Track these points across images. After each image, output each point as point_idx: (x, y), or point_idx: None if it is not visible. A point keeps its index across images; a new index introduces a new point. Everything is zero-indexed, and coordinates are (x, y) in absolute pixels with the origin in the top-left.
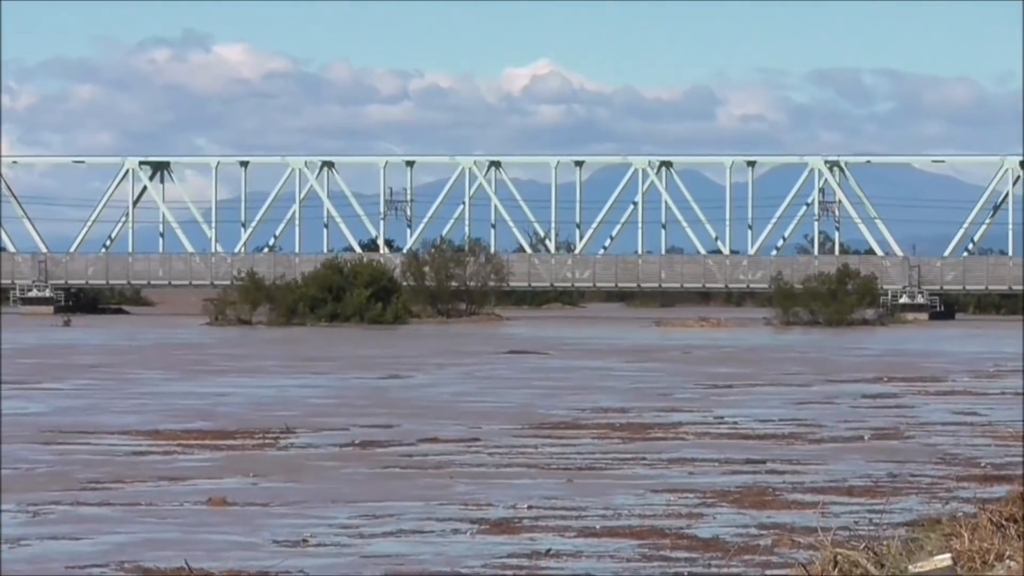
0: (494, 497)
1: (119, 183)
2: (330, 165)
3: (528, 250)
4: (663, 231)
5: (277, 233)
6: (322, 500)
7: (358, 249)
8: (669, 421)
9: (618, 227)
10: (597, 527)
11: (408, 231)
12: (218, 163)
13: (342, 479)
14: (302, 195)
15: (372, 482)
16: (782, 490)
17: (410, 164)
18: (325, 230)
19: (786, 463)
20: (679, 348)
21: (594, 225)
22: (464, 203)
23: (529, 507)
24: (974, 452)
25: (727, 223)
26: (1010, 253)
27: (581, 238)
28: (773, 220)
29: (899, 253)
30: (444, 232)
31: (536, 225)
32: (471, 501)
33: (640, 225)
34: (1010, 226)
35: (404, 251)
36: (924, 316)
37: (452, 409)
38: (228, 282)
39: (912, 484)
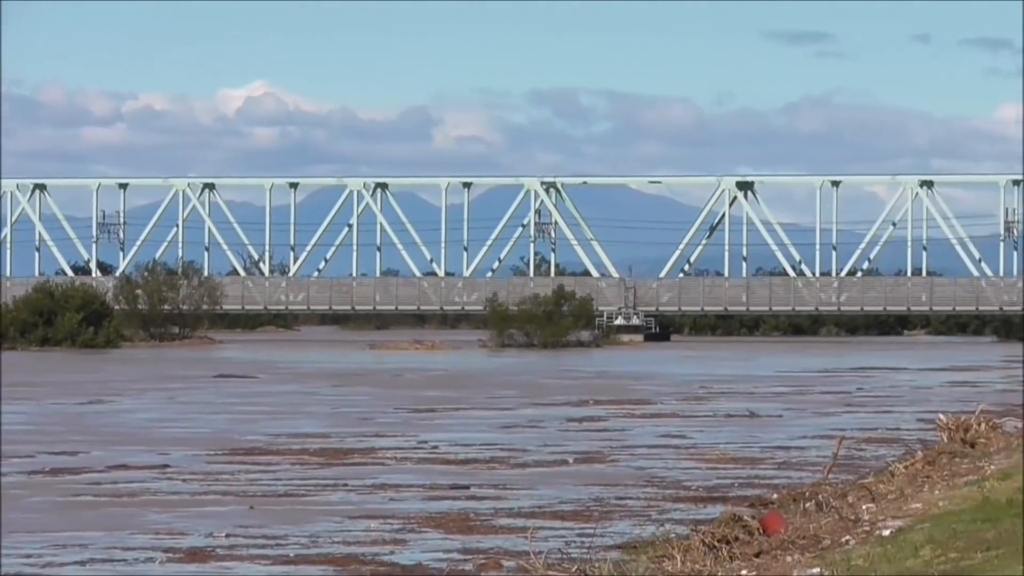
0: (188, 526)
1: None
2: (42, 188)
3: (242, 273)
4: (378, 253)
5: None
6: (7, 529)
7: (70, 273)
8: (370, 446)
9: (332, 249)
10: (291, 555)
11: (121, 254)
12: None
13: (29, 508)
14: (14, 218)
15: (60, 511)
16: (488, 515)
17: (123, 187)
18: (37, 253)
19: (491, 488)
20: (390, 371)
21: (308, 247)
22: (178, 226)
23: (227, 535)
24: (682, 475)
25: (443, 245)
26: (726, 274)
27: (295, 260)
28: (489, 242)
29: (615, 274)
30: (157, 255)
31: (250, 248)
32: (164, 530)
33: (355, 247)
34: (727, 247)
35: (117, 274)
36: (639, 338)
37: (146, 435)
38: None
39: (622, 507)
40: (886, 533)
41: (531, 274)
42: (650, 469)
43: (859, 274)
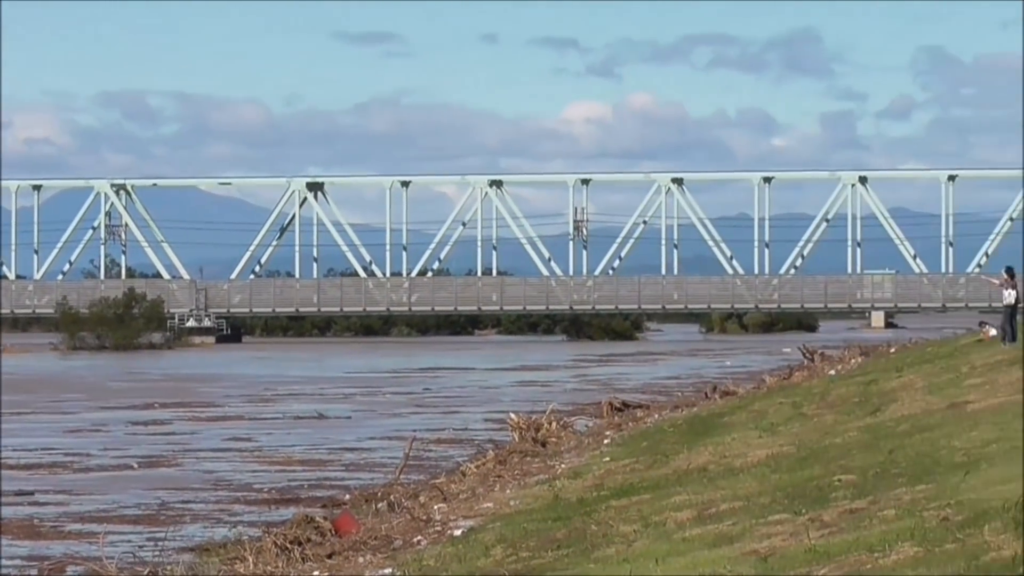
0: None
1: None
2: None
3: None
4: None
5: None
6: None
7: None
8: None
9: None
10: None
11: None
12: None
13: None
14: None
15: None
16: (54, 520)
17: None
18: None
19: (57, 493)
20: None
21: None
22: None
23: None
24: (251, 478)
25: (12, 248)
26: (297, 275)
27: None
28: (59, 244)
29: (186, 276)
30: None
31: None
32: None
33: None
34: (297, 248)
35: None
36: (211, 339)
37: None
38: None
39: (191, 511)
40: (458, 533)
41: (102, 276)
42: (218, 472)
43: (430, 274)
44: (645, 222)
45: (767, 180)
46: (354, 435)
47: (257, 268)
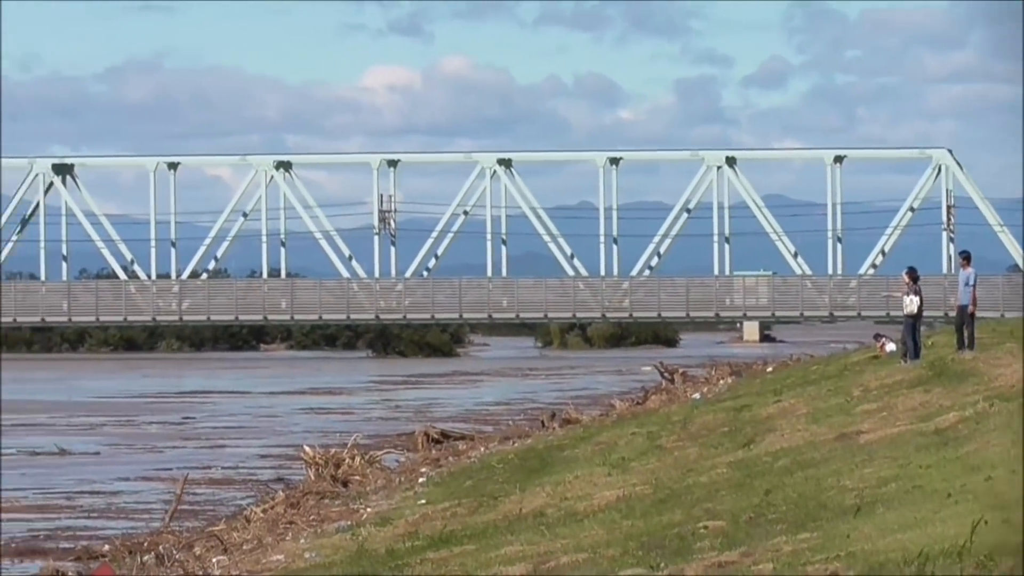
0: None
1: None
2: None
3: None
4: None
5: None
6: None
7: None
8: None
9: None
10: None
11: None
12: None
13: None
14: None
15: None
16: None
17: None
18: None
19: None
20: None
21: None
22: None
23: None
24: None
25: None
26: (43, 277)
27: None
28: None
29: None
30: None
31: None
32: None
33: None
34: (41, 242)
35: None
36: None
37: None
38: None
39: None
40: None
41: None
42: None
43: (204, 276)
44: (466, 212)
45: (614, 162)
46: (105, 474)
47: None
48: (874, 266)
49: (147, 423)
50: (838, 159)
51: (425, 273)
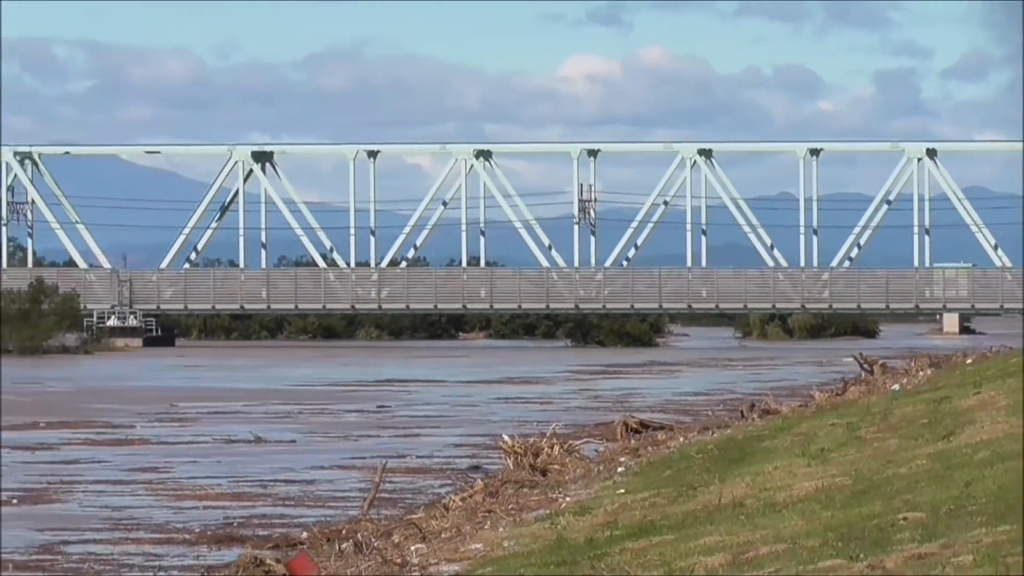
0: None
1: None
2: None
3: None
4: None
5: None
6: None
7: None
8: None
9: None
10: None
11: None
12: None
13: None
14: None
15: None
16: None
17: None
18: None
19: None
20: None
21: None
22: None
23: None
24: (173, 515)
25: None
26: (242, 264)
27: None
28: None
29: (106, 265)
30: None
31: None
32: None
33: None
34: (240, 230)
35: None
36: (137, 342)
37: None
38: None
39: (94, 555)
40: None
41: (4, 264)
42: (126, 509)
43: (403, 264)
44: (666, 203)
45: (814, 153)
46: (300, 462)
47: (193, 255)
48: None
49: (343, 411)
50: None
51: (625, 263)
